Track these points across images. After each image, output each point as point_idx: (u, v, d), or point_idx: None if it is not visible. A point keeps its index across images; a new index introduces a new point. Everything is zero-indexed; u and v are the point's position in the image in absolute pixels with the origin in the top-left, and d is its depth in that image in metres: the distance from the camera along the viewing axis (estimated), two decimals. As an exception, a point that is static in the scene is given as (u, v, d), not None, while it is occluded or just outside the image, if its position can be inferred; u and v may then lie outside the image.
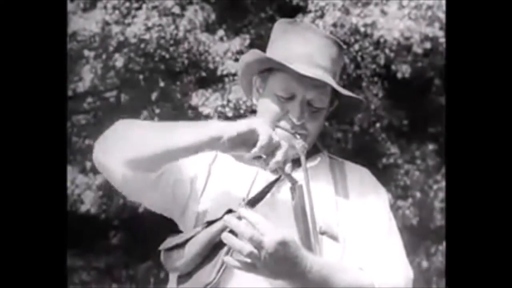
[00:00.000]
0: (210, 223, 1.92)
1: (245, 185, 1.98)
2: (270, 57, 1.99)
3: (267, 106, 1.99)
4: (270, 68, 2.01)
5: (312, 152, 2.04)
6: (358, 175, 2.05)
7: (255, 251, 1.73)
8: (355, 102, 2.06)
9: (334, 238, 1.94)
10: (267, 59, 2.00)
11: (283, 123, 1.98)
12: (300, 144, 1.96)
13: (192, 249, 1.91)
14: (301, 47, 1.99)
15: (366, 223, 1.98)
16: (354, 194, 2.01)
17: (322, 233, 1.92)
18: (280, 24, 2.05)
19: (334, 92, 2.02)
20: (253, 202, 1.94)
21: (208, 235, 1.90)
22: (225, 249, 1.88)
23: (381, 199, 2.06)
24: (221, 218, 1.89)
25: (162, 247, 1.97)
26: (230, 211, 1.90)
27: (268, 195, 1.96)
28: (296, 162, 1.99)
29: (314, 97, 1.97)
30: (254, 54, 2.00)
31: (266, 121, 1.95)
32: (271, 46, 2.05)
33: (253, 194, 1.96)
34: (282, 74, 1.98)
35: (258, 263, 1.75)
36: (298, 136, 1.96)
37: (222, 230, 1.87)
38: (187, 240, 1.92)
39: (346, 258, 1.94)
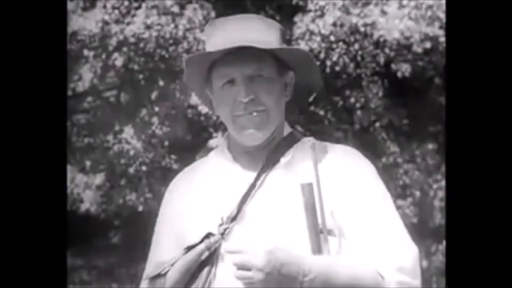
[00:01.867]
0: (189, 248, 1.94)
1: (220, 203, 1.98)
2: (191, 55, 2.01)
3: (219, 103, 1.99)
4: (209, 70, 2.00)
5: (289, 142, 2.02)
6: (342, 155, 2.01)
7: (251, 274, 1.79)
8: (305, 65, 2.01)
9: (331, 233, 1.93)
10: (190, 57, 2.01)
11: (236, 109, 1.96)
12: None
13: (173, 276, 1.94)
14: (221, 35, 1.97)
15: (360, 207, 1.94)
16: (340, 177, 1.97)
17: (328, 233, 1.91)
18: (206, 27, 2.04)
19: (281, 63, 1.99)
20: (232, 219, 1.95)
21: (188, 260, 1.93)
22: (206, 269, 1.92)
23: (368, 174, 2.00)
24: (201, 242, 1.92)
25: (146, 276, 1.98)
26: (210, 234, 1.93)
27: (244, 209, 1.96)
28: (271, 160, 1.99)
29: (252, 70, 1.94)
30: (183, 62, 2.02)
31: (225, 121, 1.98)
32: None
33: (229, 210, 1.96)
34: (216, 68, 1.97)
35: (259, 281, 1.79)
36: (255, 114, 1.96)
37: (202, 253, 1.91)
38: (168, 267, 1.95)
39: (346, 248, 1.92)
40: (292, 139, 2.03)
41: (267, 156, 1.99)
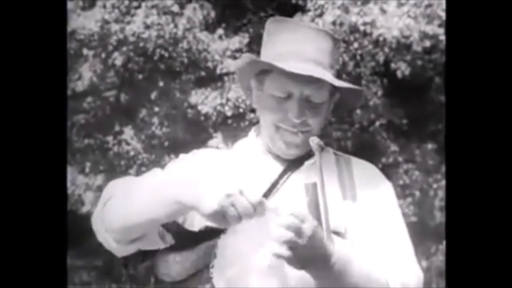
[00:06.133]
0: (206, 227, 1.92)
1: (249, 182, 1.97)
2: (260, 59, 1.99)
3: (266, 108, 1.99)
4: (265, 70, 2.00)
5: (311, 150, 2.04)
6: (365, 171, 2.04)
7: (294, 237, 1.71)
8: (355, 92, 2.04)
9: (341, 235, 1.93)
10: (257, 61, 1.99)
11: (284, 123, 1.97)
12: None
13: (186, 254, 1.91)
14: (292, 44, 1.97)
15: (375, 222, 1.97)
16: (361, 191, 2.00)
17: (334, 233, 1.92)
18: (271, 23, 2.03)
19: (332, 84, 2.01)
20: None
21: (201, 238, 1.90)
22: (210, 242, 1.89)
23: (388, 195, 2.05)
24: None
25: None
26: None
27: (276, 190, 1.97)
28: (296, 162, 1.99)
29: (311, 92, 1.95)
30: (245, 58, 2.00)
31: (266, 124, 1.96)
32: (265, 47, 2.04)
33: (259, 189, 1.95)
34: (276, 74, 1.96)
35: (295, 251, 1.72)
36: (300, 134, 1.97)
37: (216, 232, 1.87)
38: (183, 245, 1.92)
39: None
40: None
41: (292, 159, 2.00)
